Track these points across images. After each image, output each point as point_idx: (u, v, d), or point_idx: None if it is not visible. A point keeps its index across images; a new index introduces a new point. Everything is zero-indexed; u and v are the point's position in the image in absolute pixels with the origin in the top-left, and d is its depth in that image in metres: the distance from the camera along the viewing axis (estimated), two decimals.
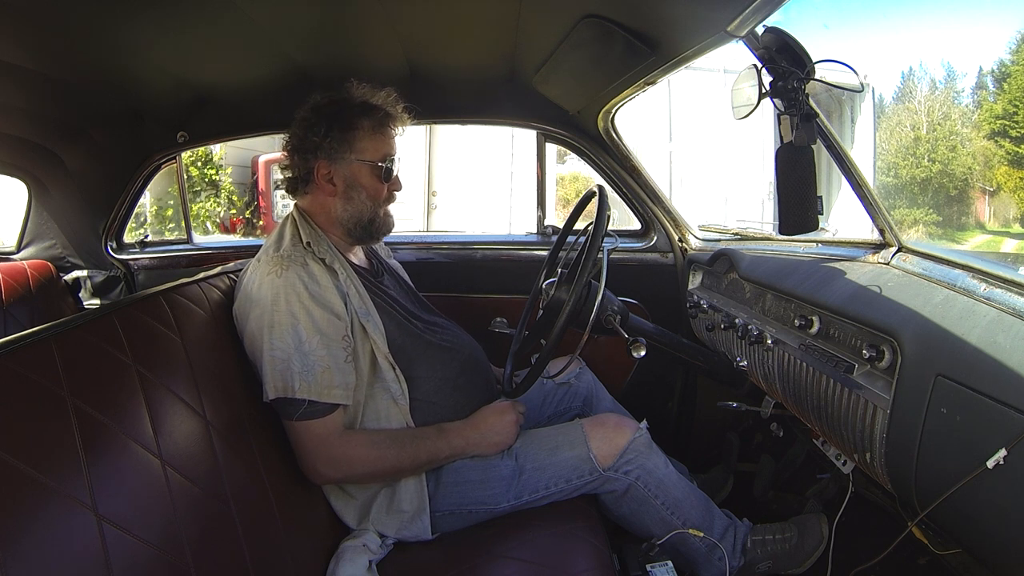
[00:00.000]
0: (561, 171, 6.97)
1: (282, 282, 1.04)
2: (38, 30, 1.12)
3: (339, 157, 1.16)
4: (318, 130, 1.15)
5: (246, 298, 1.07)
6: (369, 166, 1.17)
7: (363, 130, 1.16)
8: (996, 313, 0.74)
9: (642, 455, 1.16)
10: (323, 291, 1.07)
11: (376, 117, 1.18)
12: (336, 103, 1.17)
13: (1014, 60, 6.10)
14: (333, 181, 1.17)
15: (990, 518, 0.71)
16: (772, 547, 1.24)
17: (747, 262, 1.38)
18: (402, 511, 1.11)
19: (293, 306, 1.03)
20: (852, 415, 0.93)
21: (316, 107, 1.17)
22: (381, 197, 1.20)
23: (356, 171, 1.17)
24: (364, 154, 1.16)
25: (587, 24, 1.14)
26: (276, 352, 1.02)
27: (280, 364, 1.01)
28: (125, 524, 0.66)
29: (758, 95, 0.99)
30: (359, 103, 1.18)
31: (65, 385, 0.68)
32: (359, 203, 1.18)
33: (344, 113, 1.16)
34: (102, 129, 1.74)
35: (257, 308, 1.04)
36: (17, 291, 1.77)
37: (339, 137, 1.15)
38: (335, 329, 1.06)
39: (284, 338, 1.02)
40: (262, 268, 1.07)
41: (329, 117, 1.15)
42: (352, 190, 1.17)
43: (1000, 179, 6.33)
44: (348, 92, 1.19)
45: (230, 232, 6.57)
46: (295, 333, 1.02)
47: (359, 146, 1.16)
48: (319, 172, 1.17)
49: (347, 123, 1.16)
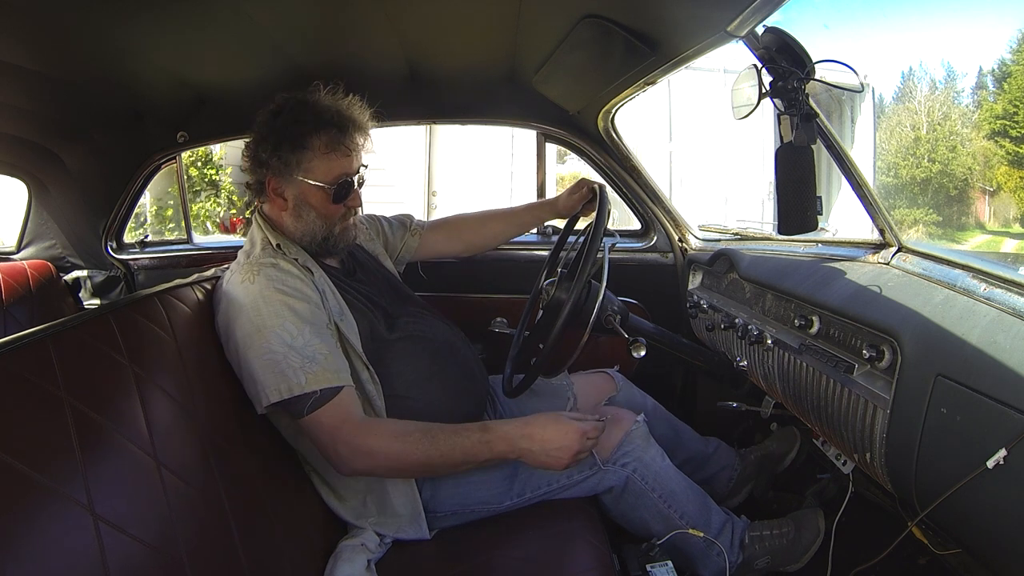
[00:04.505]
0: (561, 171, 6.97)
1: (257, 288, 1.02)
2: (38, 30, 1.12)
3: (287, 176, 1.10)
4: (266, 146, 1.09)
5: (225, 310, 1.04)
6: (318, 188, 1.10)
7: (313, 151, 1.09)
8: (996, 313, 0.74)
9: (639, 447, 1.16)
10: (300, 284, 1.04)
11: (330, 135, 1.09)
12: (290, 114, 1.10)
13: (1014, 60, 6.09)
14: (284, 196, 1.12)
15: (990, 518, 0.71)
16: (770, 542, 1.24)
17: (747, 262, 1.38)
18: (397, 514, 1.10)
19: (274, 306, 1.01)
20: (852, 415, 0.93)
21: (272, 114, 1.11)
22: (335, 216, 1.14)
23: (305, 191, 1.11)
24: (313, 175, 1.10)
25: (587, 24, 1.14)
26: (269, 356, 0.98)
27: (277, 366, 0.98)
28: (121, 524, 0.66)
29: (758, 95, 0.99)
30: (312, 117, 1.09)
31: (62, 385, 0.68)
32: (309, 222, 1.12)
33: (295, 129, 1.08)
34: (102, 129, 1.74)
35: (240, 318, 1.01)
36: (17, 291, 1.77)
37: (287, 156, 1.08)
38: (320, 318, 1.04)
39: (274, 339, 0.99)
40: (235, 277, 1.05)
41: (278, 132, 1.09)
42: (301, 208, 1.12)
43: (1000, 179, 6.33)
44: (309, 99, 1.11)
45: (230, 232, 6.56)
46: (285, 331, 0.99)
47: (308, 166, 1.09)
48: (269, 185, 1.12)
49: (296, 141, 1.08)
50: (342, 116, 1.11)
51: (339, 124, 1.10)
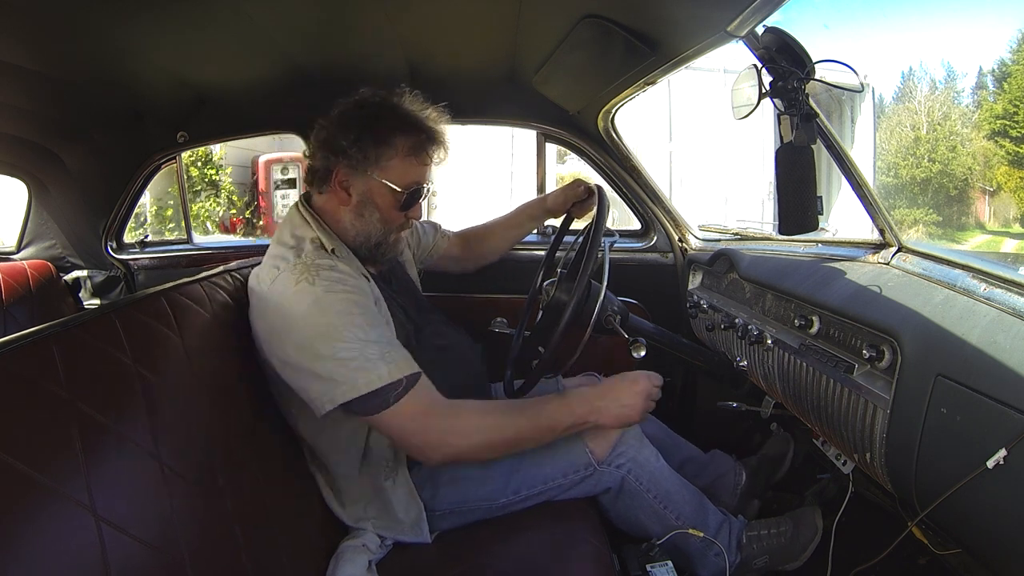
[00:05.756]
0: (561, 171, 6.97)
1: (319, 288, 0.96)
2: (38, 30, 1.12)
3: (361, 170, 1.06)
4: (348, 134, 1.05)
5: (274, 313, 0.98)
6: (390, 190, 1.07)
7: (395, 150, 1.06)
8: (996, 313, 0.74)
9: (633, 447, 1.16)
10: (363, 285, 1.02)
11: (417, 139, 1.07)
12: (378, 107, 1.07)
13: (1014, 60, 6.10)
14: (349, 190, 1.08)
15: (990, 518, 0.71)
16: (768, 542, 1.24)
17: (747, 262, 1.38)
18: (399, 520, 1.09)
19: (341, 304, 0.96)
20: (852, 415, 0.93)
21: (358, 104, 1.08)
22: (394, 223, 1.11)
23: (375, 190, 1.07)
24: (388, 175, 1.06)
25: (587, 24, 1.14)
26: (343, 354, 0.94)
27: (353, 363, 0.93)
28: (123, 525, 0.66)
29: (758, 95, 0.99)
30: (402, 116, 1.07)
31: (64, 385, 0.68)
32: (369, 223, 1.09)
33: (382, 123, 1.05)
34: (102, 129, 1.74)
35: (299, 321, 0.96)
36: (17, 291, 1.77)
37: (368, 149, 1.05)
38: (381, 314, 1.03)
39: (347, 337, 0.94)
40: (288, 278, 0.98)
41: (364, 122, 1.05)
42: (365, 207, 1.08)
43: (1000, 179, 6.34)
44: (396, 99, 1.09)
45: (230, 232, 6.57)
46: (357, 327, 0.95)
47: (386, 165, 1.06)
48: (337, 176, 1.08)
49: (381, 137, 1.05)
50: (430, 125, 1.10)
51: (428, 131, 1.09)
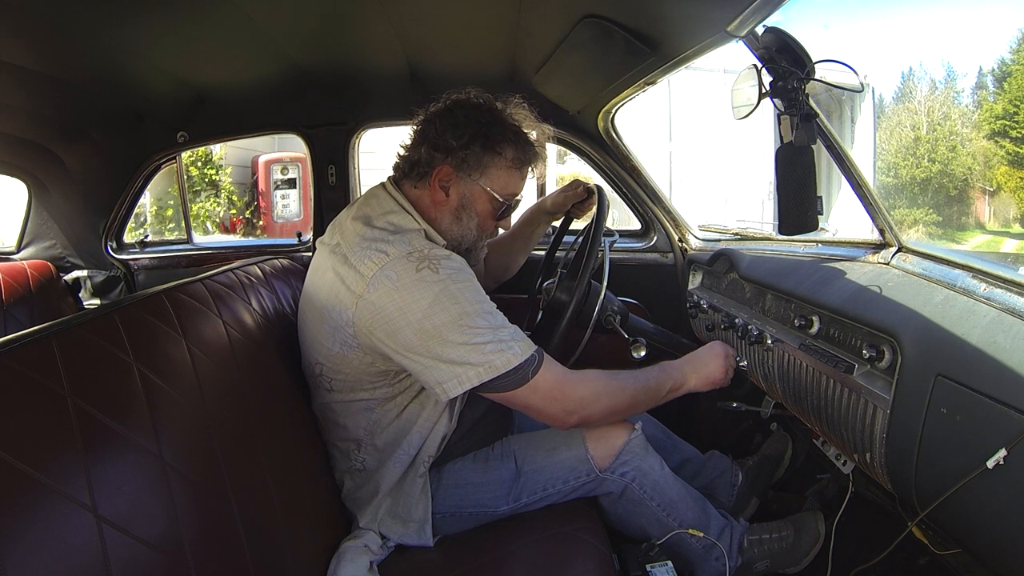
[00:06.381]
0: (561, 171, 6.98)
1: (445, 274, 0.96)
2: (38, 30, 1.12)
3: (466, 173, 1.07)
4: (461, 135, 1.05)
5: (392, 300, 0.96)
6: (491, 198, 1.09)
7: (504, 158, 1.08)
8: (996, 313, 0.74)
9: (637, 456, 1.16)
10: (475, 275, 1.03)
11: (524, 151, 1.09)
12: (492, 114, 1.09)
13: (1014, 60, 6.10)
14: (448, 192, 1.08)
15: (990, 518, 0.71)
16: (769, 546, 1.24)
17: (747, 262, 1.38)
18: (411, 520, 1.10)
19: (470, 291, 0.98)
20: (852, 415, 0.93)
21: (470, 106, 1.09)
22: (486, 231, 1.13)
23: (476, 195, 1.08)
24: (492, 183, 1.08)
25: (587, 24, 1.14)
26: (478, 338, 0.95)
27: (489, 346, 0.95)
28: (124, 525, 0.66)
29: (758, 95, 0.99)
30: (514, 127, 1.09)
31: (66, 384, 0.68)
32: (467, 228, 1.10)
33: (494, 130, 1.07)
34: (102, 129, 1.75)
35: (426, 309, 0.94)
36: (17, 291, 1.77)
37: (478, 154, 1.06)
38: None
39: (480, 320, 0.96)
40: (405, 266, 0.96)
41: (477, 127, 1.06)
42: (464, 211, 1.09)
43: (1000, 179, 6.34)
44: (508, 107, 1.11)
45: (230, 232, 6.57)
46: (488, 313, 0.98)
47: (492, 173, 1.08)
48: (439, 174, 1.07)
49: (491, 144, 1.06)
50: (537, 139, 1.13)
51: (534, 145, 1.12)
